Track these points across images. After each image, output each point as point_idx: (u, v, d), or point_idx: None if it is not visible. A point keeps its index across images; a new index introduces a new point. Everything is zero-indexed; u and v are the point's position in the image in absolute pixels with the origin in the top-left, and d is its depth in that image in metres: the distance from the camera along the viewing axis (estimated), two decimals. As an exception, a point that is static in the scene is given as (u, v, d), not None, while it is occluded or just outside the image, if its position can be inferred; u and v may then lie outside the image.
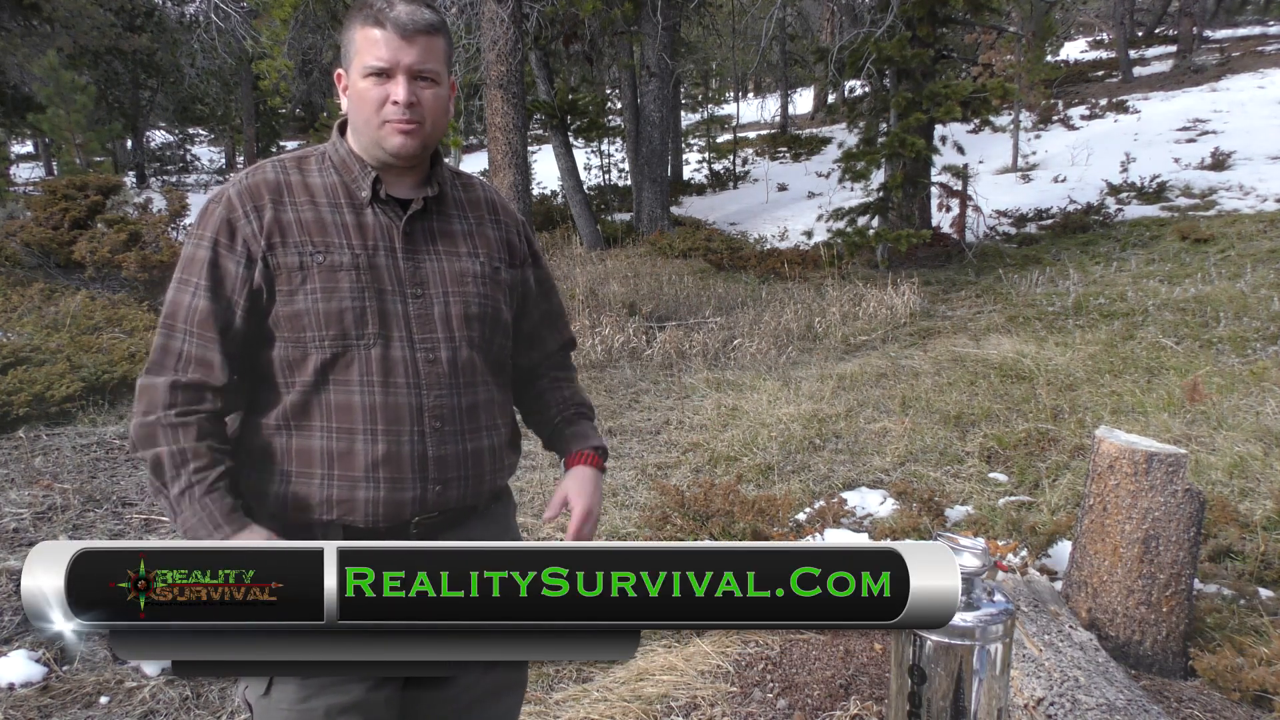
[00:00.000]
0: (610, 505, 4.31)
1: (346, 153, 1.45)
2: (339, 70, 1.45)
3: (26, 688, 2.77)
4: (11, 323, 6.79)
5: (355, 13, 1.40)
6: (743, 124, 23.62)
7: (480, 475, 1.48)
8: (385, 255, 1.41)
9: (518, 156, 8.13)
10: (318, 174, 1.44)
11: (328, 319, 1.37)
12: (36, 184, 14.82)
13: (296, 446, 1.40)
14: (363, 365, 1.38)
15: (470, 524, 1.50)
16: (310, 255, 1.38)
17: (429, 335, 1.42)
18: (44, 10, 14.50)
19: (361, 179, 1.43)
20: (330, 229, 1.40)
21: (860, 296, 8.95)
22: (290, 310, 1.37)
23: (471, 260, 1.48)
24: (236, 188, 1.41)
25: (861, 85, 13.23)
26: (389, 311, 1.40)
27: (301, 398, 1.39)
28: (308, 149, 1.50)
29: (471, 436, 1.46)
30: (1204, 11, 22.53)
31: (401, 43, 1.36)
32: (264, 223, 1.38)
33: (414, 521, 1.42)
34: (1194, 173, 12.86)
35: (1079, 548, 2.88)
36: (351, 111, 1.42)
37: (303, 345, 1.38)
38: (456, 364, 1.43)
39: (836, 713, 2.58)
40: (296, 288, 1.37)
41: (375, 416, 1.38)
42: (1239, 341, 6.43)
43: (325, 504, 1.39)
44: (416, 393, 1.40)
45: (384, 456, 1.38)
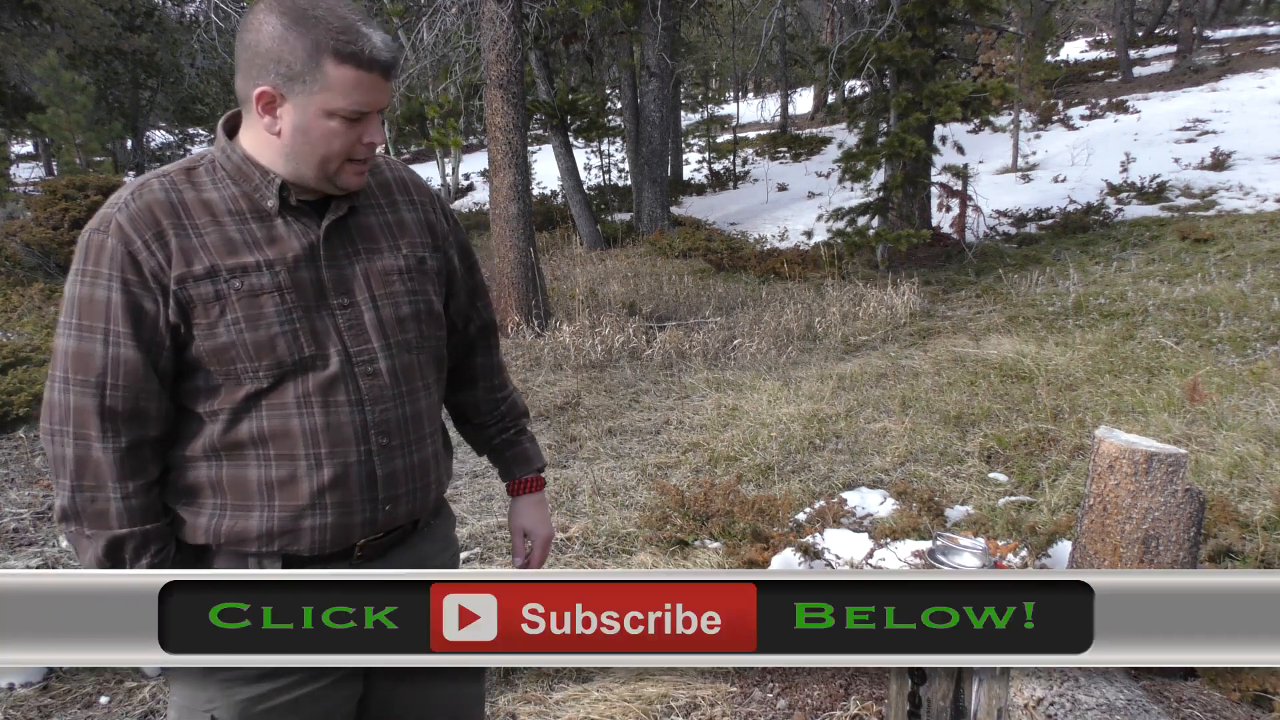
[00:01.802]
0: (610, 505, 4.31)
1: (241, 159, 1.28)
2: (265, 88, 1.22)
3: (27, 688, 2.77)
4: (11, 323, 6.80)
5: (311, 33, 1.20)
6: (743, 124, 23.61)
7: (427, 486, 1.41)
8: (306, 268, 1.28)
9: (518, 156, 8.12)
10: (212, 187, 1.28)
11: (258, 349, 1.24)
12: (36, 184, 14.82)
13: (229, 478, 1.28)
14: (299, 388, 1.27)
15: (412, 543, 1.44)
16: (226, 283, 1.23)
17: (365, 346, 1.31)
18: (44, 10, 14.49)
19: (264, 188, 1.27)
20: (241, 249, 1.25)
21: (860, 296, 8.94)
22: (213, 345, 1.24)
23: (394, 255, 1.36)
24: (125, 213, 1.23)
25: (861, 85, 13.23)
26: (320, 328, 1.28)
27: (230, 425, 1.27)
28: (191, 158, 1.33)
29: (417, 447, 1.38)
30: (1204, 11, 22.52)
31: (384, 83, 1.25)
32: (169, 252, 1.22)
33: (359, 544, 1.35)
34: (1194, 173, 12.85)
35: (1079, 548, 2.88)
36: (296, 144, 1.25)
37: (234, 376, 1.25)
38: (397, 372, 1.34)
39: (836, 713, 2.58)
40: (216, 320, 1.23)
41: (318, 440, 1.28)
42: (1239, 341, 6.43)
43: (265, 537, 1.29)
44: (360, 409, 1.30)
45: (331, 481, 1.29)
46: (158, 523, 1.29)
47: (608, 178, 18.92)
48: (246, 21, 1.25)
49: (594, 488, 4.55)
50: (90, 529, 1.26)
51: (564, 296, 9.30)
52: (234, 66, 1.27)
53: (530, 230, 8.33)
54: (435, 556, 1.48)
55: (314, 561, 1.33)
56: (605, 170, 18.97)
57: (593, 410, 5.97)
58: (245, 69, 1.24)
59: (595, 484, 4.61)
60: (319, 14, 1.20)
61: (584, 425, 5.64)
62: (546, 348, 7.42)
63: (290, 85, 1.22)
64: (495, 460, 1.66)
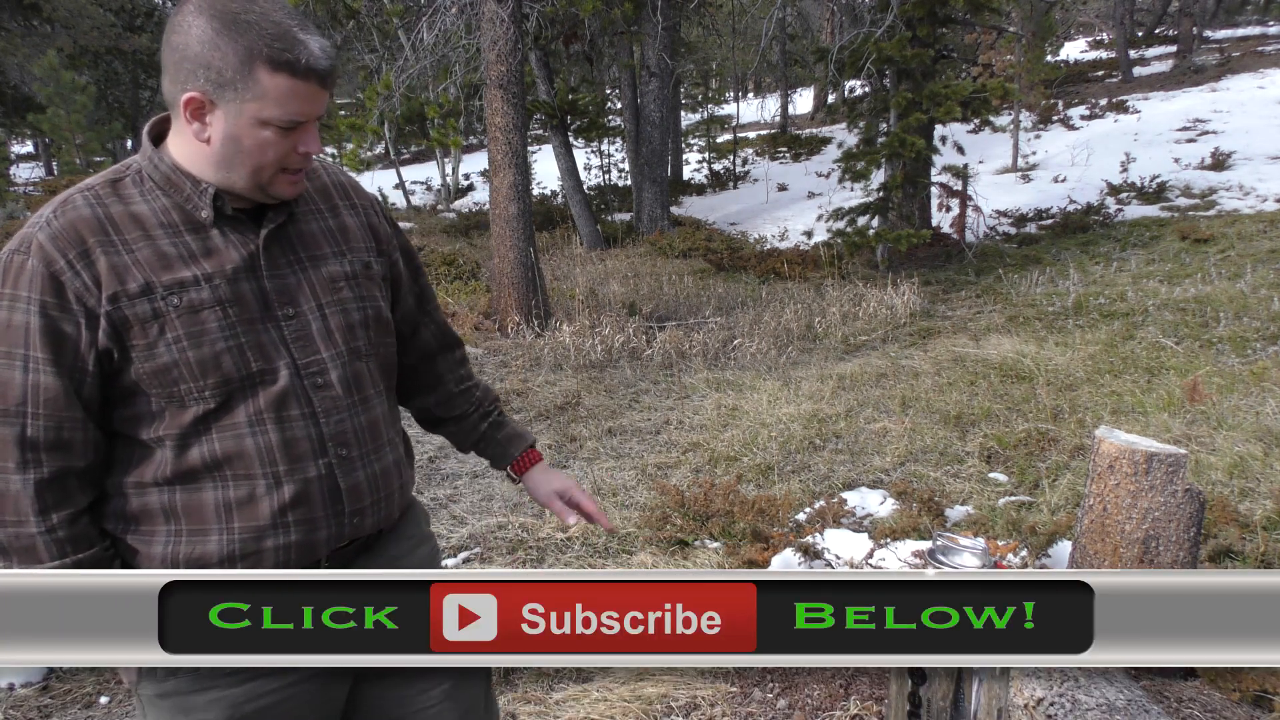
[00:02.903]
0: (610, 505, 4.31)
1: (170, 168, 1.22)
2: (193, 94, 1.15)
3: (27, 688, 2.77)
4: (11, 323, 6.79)
5: (244, 39, 1.13)
6: (743, 124, 23.62)
7: (391, 495, 1.38)
8: (247, 279, 1.23)
9: (518, 156, 8.12)
10: (141, 199, 1.21)
11: (203, 367, 1.19)
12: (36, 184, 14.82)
13: (183, 503, 1.24)
14: (250, 406, 1.22)
15: (379, 548, 1.41)
16: (163, 300, 1.17)
17: (314, 357, 1.27)
18: (44, 10, 14.50)
19: (197, 198, 1.21)
20: (176, 263, 1.19)
21: (860, 296, 8.94)
22: (153, 366, 1.18)
23: (339, 261, 1.32)
24: (47, 232, 1.16)
25: (861, 85, 13.23)
26: (265, 341, 1.23)
27: (180, 451, 1.22)
28: (115, 169, 1.26)
29: (377, 456, 1.34)
30: (1204, 11, 22.52)
31: (322, 93, 1.19)
32: (96, 272, 1.16)
33: (325, 556, 1.32)
34: (1194, 173, 12.86)
35: (1079, 548, 2.88)
36: (227, 153, 1.19)
37: (178, 398, 1.20)
38: (348, 381, 1.30)
39: (836, 713, 2.58)
40: (155, 340, 1.18)
41: (274, 457, 1.24)
42: (1239, 341, 6.43)
43: (226, 560, 1.25)
44: (314, 422, 1.26)
45: (292, 499, 1.25)
46: (91, 550, 1.24)
47: (608, 178, 18.92)
48: (173, 22, 1.17)
49: (594, 488, 4.55)
50: (16, 563, 1.22)
51: (564, 296, 9.30)
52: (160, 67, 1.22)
53: (530, 230, 8.33)
54: (406, 556, 1.45)
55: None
56: (605, 170, 18.97)
57: (593, 410, 5.97)
58: (172, 72, 1.17)
59: (595, 484, 4.62)
60: (252, 18, 1.13)
61: (584, 425, 5.65)
62: (546, 348, 7.42)
63: (220, 92, 1.15)
64: (488, 447, 1.62)
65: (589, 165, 18.75)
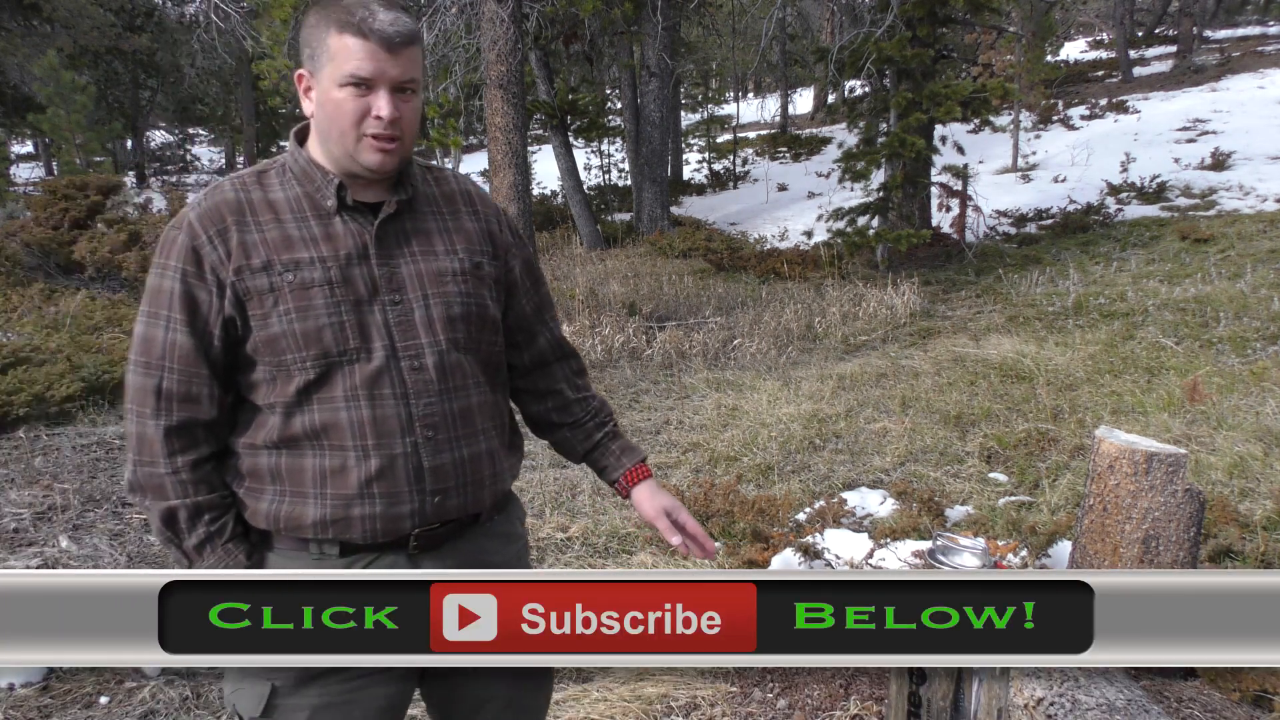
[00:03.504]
0: (610, 505, 4.31)
1: (307, 162, 1.38)
2: (300, 72, 1.35)
3: (27, 688, 2.77)
4: (11, 323, 6.80)
5: (326, 14, 1.30)
6: (743, 124, 23.62)
7: (480, 481, 1.43)
8: (358, 264, 1.35)
9: (518, 156, 8.12)
10: (279, 188, 1.37)
11: (306, 339, 1.31)
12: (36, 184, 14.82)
13: (287, 466, 1.35)
14: (347, 381, 1.33)
15: (471, 536, 1.45)
16: (279, 275, 1.31)
17: (412, 342, 1.36)
18: (44, 10, 14.50)
19: (325, 187, 1.36)
20: (297, 244, 1.33)
21: (860, 296, 8.94)
22: (266, 335, 1.31)
23: (449, 258, 1.42)
24: (196, 211, 1.34)
25: (861, 85, 13.23)
26: (368, 322, 1.34)
27: (287, 418, 1.34)
28: (267, 162, 1.43)
29: (467, 442, 1.40)
30: (1204, 11, 22.53)
31: (387, 55, 1.29)
32: (229, 247, 1.32)
33: (414, 534, 1.38)
34: (1194, 173, 12.86)
35: (1079, 548, 2.88)
36: (321, 119, 1.34)
37: (285, 368, 1.32)
38: (444, 368, 1.38)
39: (836, 713, 2.58)
40: (269, 311, 1.31)
41: (365, 431, 1.33)
42: (1239, 341, 6.43)
43: (319, 524, 1.34)
44: (405, 403, 1.35)
45: (378, 472, 1.33)
46: (211, 495, 1.36)
47: (608, 178, 18.92)
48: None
49: (594, 488, 4.55)
50: (149, 499, 1.35)
51: (564, 296, 9.30)
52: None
53: (530, 230, 8.34)
54: (496, 552, 1.49)
55: (370, 549, 1.37)
56: (605, 170, 18.97)
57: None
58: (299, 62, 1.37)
59: (595, 484, 4.61)
60: (342, 1, 1.30)
61: (584, 425, 5.64)
62: (546, 348, 7.41)
63: (313, 64, 1.32)
64: (602, 456, 1.63)
65: (589, 165, 18.76)
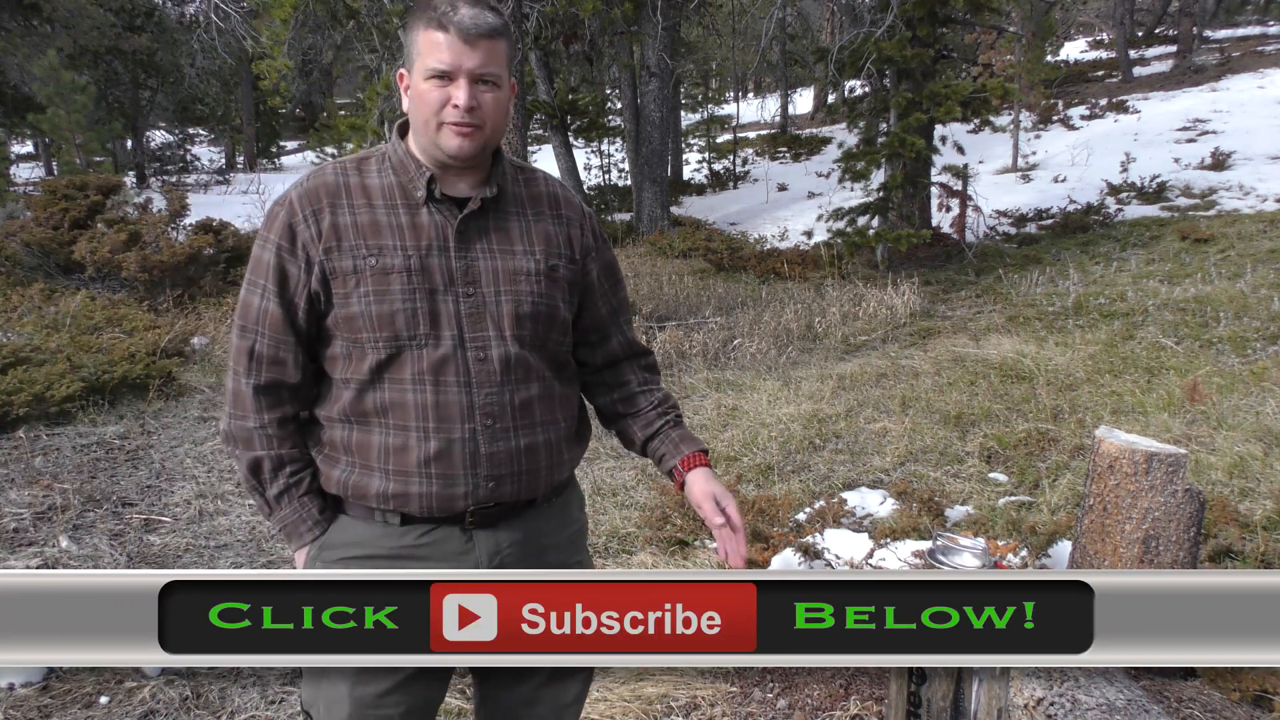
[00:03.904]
0: (610, 505, 4.31)
1: (404, 153, 1.46)
2: (401, 71, 1.45)
3: (27, 688, 2.77)
4: (11, 323, 6.79)
5: (418, 14, 1.40)
6: (743, 124, 23.62)
7: (535, 470, 1.48)
8: (438, 254, 1.42)
9: (518, 156, 8.13)
10: (376, 175, 1.46)
11: (380, 321, 1.39)
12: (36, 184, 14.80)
13: (357, 440, 1.44)
14: (415, 365, 1.41)
15: (528, 517, 1.51)
16: (364, 259, 1.40)
17: (480, 334, 1.43)
18: (44, 10, 14.50)
19: (417, 179, 1.43)
20: (384, 231, 1.42)
21: (860, 296, 8.94)
22: (346, 313, 1.41)
23: (526, 258, 1.48)
24: (298, 190, 1.44)
25: (861, 85, 13.23)
26: (439, 311, 1.41)
27: (359, 394, 1.43)
28: (370, 150, 1.52)
29: (525, 432, 1.47)
30: (1204, 11, 22.53)
31: (464, 47, 1.36)
32: (321, 227, 1.41)
33: (470, 511, 1.44)
34: (1194, 173, 12.86)
35: (1079, 548, 2.88)
36: (412, 112, 1.43)
37: (360, 345, 1.41)
38: (508, 361, 1.44)
39: (836, 713, 2.58)
40: (350, 291, 1.40)
41: (427, 414, 1.41)
42: (1239, 341, 6.43)
43: (381, 495, 1.43)
44: (467, 391, 1.42)
45: (436, 453, 1.41)
46: (294, 450, 1.47)
47: (608, 178, 18.92)
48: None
49: (594, 487, 4.55)
50: (239, 449, 1.48)
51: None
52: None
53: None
54: (552, 534, 1.55)
55: (428, 521, 1.44)
56: (605, 170, 18.97)
57: (592, 410, 5.97)
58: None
59: (595, 484, 4.61)
60: (435, 2, 1.38)
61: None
62: (546, 348, 7.41)
63: (409, 63, 1.42)
64: (662, 443, 1.66)
65: (589, 165, 18.75)
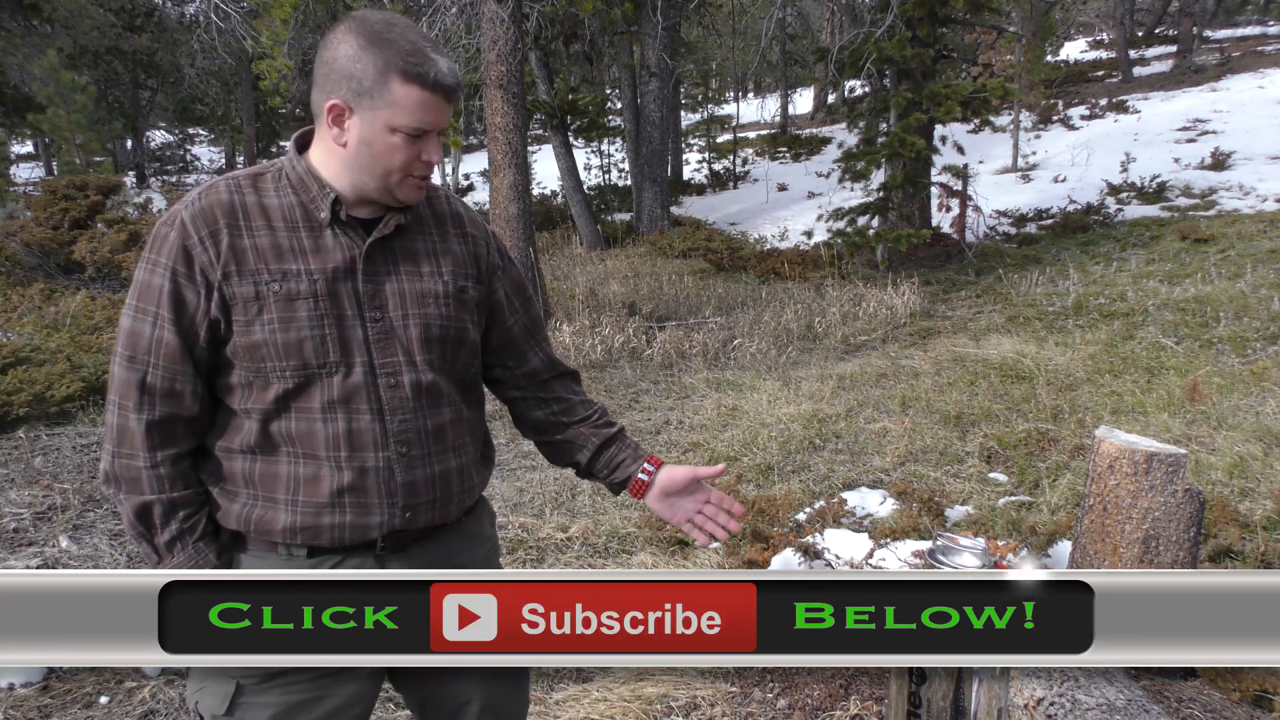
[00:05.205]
0: (610, 505, 4.31)
1: (305, 171, 1.37)
2: (336, 101, 1.31)
3: (27, 688, 2.77)
4: (11, 323, 6.80)
5: (382, 54, 1.29)
6: (743, 124, 23.62)
7: (449, 496, 1.44)
8: (345, 279, 1.35)
9: (518, 156, 8.12)
10: (274, 194, 1.37)
11: (287, 350, 1.32)
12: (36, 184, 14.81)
13: (261, 472, 1.37)
14: (325, 393, 1.34)
15: (439, 539, 1.47)
16: (266, 284, 1.32)
17: (390, 359, 1.37)
18: (44, 10, 14.49)
19: (320, 199, 1.35)
20: (287, 254, 1.33)
21: (860, 296, 8.94)
22: (248, 341, 1.32)
23: (434, 280, 1.42)
24: (190, 210, 1.34)
25: (861, 85, 13.23)
26: (349, 338, 1.35)
27: (264, 425, 1.35)
28: (263, 165, 1.42)
29: (439, 459, 1.42)
30: (1204, 11, 22.52)
31: (445, 105, 1.32)
32: (219, 250, 1.32)
33: (381, 539, 1.39)
34: (1194, 173, 12.85)
35: (1079, 548, 2.88)
36: (361, 156, 1.33)
37: (263, 375, 1.33)
38: (420, 387, 1.39)
39: (836, 713, 2.58)
40: (253, 318, 1.32)
41: (339, 444, 1.35)
42: (1239, 341, 6.43)
43: (289, 530, 1.36)
44: (380, 418, 1.36)
45: (350, 484, 1.35)
46: (187, 492, 1.37)
47: (608, 178, 18.92)
48: (327, 39, 1.34)
49: (594, 488, 4.55)
50: (124, 493, 1.35)
51: (564, 296, 9.30)
52: (311, 81, 1.36)
53: (530, 230, 8.33)
54: (464, 553, 1.50)
55: (338, 552, 1.38)
56: (605, 170, 18.97)
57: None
58: (321, 83, 1.33)
59: (595, 483, 4.61)
60: (392, 37, 1.29)
61: (584, 425, 5.64)
62: (546, 348, 7.41)
63: (359, 100, 1.30)
64: (619, 449, 1.61)
65: (589, 165, 18.75)
